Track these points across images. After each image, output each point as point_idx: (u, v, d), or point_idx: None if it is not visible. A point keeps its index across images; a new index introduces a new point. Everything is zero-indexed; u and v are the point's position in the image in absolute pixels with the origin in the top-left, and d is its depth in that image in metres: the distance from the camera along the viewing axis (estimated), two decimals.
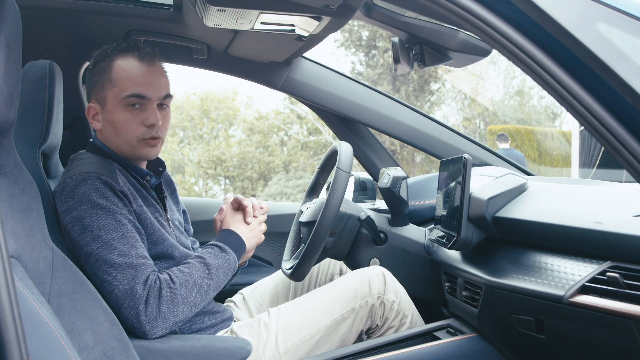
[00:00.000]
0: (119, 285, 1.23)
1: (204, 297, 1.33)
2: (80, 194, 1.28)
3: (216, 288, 1.37)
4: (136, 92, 1.36)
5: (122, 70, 1.37)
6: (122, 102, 1.37)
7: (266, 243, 2.32)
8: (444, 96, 16.03)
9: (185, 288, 1.29)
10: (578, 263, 1.12)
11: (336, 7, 1.45)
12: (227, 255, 1.40)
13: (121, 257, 1.25)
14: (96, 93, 1.40)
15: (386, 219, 1.80)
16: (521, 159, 8.45)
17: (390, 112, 2.12)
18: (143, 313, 1.22)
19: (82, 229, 1.27)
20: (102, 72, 1.39)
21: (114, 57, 1.39)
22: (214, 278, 1.35)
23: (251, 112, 17.75)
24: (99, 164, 1.35)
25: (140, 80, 1.37)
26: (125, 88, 1.36)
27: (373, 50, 15.75)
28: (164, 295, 1.25)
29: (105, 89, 1.38)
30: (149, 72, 1.39)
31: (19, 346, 0.63)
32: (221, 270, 1.37)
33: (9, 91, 0.85)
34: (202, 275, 1.33)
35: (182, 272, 1.31)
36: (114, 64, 1.38)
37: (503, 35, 0.91)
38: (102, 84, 1.39)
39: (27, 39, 1.03)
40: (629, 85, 0.82)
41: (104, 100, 1.39)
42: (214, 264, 1.36)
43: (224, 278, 1.39)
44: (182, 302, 1.28)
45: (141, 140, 1.39)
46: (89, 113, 1.42)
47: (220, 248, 1.41)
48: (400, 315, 1.57)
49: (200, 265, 1.34)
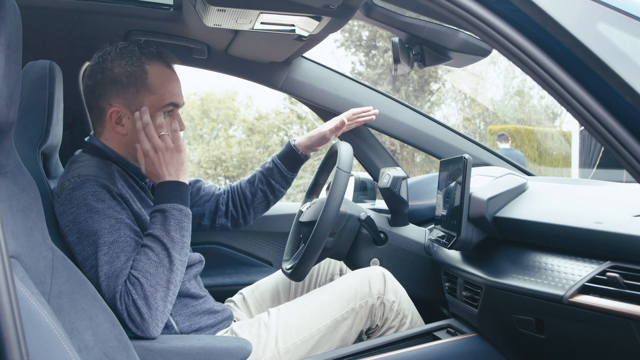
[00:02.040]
0: (105, 294, 1.23)
1: (173, 268, 1.27)
2: (77, 197, 1.28)
3: (181, 249, 1.30)
4: (174, 101, 1.42)
5: (157, 78, 1.40)
6: (161, 110, 1.39)
7: (266, 243, 2.32)
8: (444, 96, 16.03)
9: (150, 275, 1.24)
10: (578, 263, 1.12)
11: (336, 7, 1.45)
12: (169, 212, 1.30)
13: (109, 264, 1.25)
14: (126, 98, 1.38)
15: (386, 219, 1.81)
16: (521, 159, 8.45)
17: (390, 112, 2.12)
18: (130, 323, 1.22)
19: (79, 233, 1.27)
20: (134, 77, 1.38)
21: (144, 62, 1.39)
22: (169, 245, 1.27)
23: (251, 112, 17.75)
24: (97, 167, 1.35)
25: (177, 91, 1.43)
26: (165, 97, 1.40)
27: (373, 50, 15.75)
28: (137, 298, 1.22)
29: (141, 95, 1.38)
30: (177, 80, 1.45)
31: (19, 346, 0.63)
32: (172, 232, 1.29)
33: (9, 91, 0.85)
34: (159, 250, 1.27)
35: (139, 261, 1.25)
36: (149, 70, 1.39)
37: (503, 35, 0.91)
38: (136, 89, 1.38)
39: (27, 39, 1.03)
40: (629, 85, 0.82)
41: (138, 106, 1.38)
42: (162, 233, 1.28)
43: (181, 232, 1.30)
44: (155, 290, 1.23)
45: None
46: (111, 117, 1.39)
47: (159, 211, 1.31)
48: (400, 315, 1.57)
49: (152, 243, 1.27)
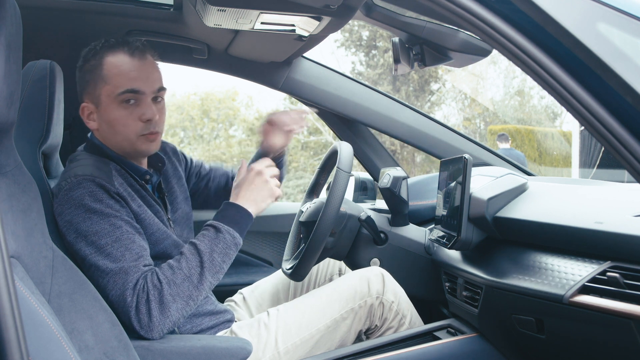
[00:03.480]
0: (112, 291, 1.22)
1: (200, 287, 1.28)
2: (74, 198, 1.27)
3: (215, 272, 1.30)
4: (130, 87, 1.34)
5: (113, 66, 1.35)
6: (117, 99, 1.34)
7: (266, 243, 2.32)
8: (444, 96, 16.03)
9: (174, 285, 1.24)
10: (578, 263, 1.12)
11: (336, 7, 1.45)
12: (222, 235, 1.32)
13: (114, 262, 1.23)
14: (89, 92, 1.38)
15: (386, 219, 1.80)
16: (521, 159, 8.45)
17: (391, 112, 2.12)
18: (135, 320, 1.21)
19: (76, 233, 1.26)
20: (92, 70, 1.36)
21: (103, 54, 1.36)
22: (207, 265, 1.28)
23: (251, 112, 17.74)
24: (94, 166, 1.34)
25: (133, 75, 1.35)
26: (119, 85, 1.34)
27: (373, 50, 15.74)
28: (152, 299, 1.22)
29: (98, 88, 1.36)
30: (141, 66, 1.37)
31: (19, 346, 0.63)
32: (216, 254, 1.30)
33: (9, 91, 0.85)
34: (195, 264, 1.28)
35: (171, 268, 1.27)
36: (104, 61, 1.35)
37: (503, 35, 0.91)
38: (94, 82, 1.36)
39: (27, 39, 1.02)
40: (629, 85, 0.82)
41: (98, 99, 1.36)
42: (206, 250, 1.29)
43: (223, 259, 1.31)
44: (174, 300, 1.24)
45: (140, 136, 1.37)
46: (83, 113, 1.39)
47: (214, 228, 1.33)
48: (399, 315, 1.57)
49: (191, 255, 1.29)
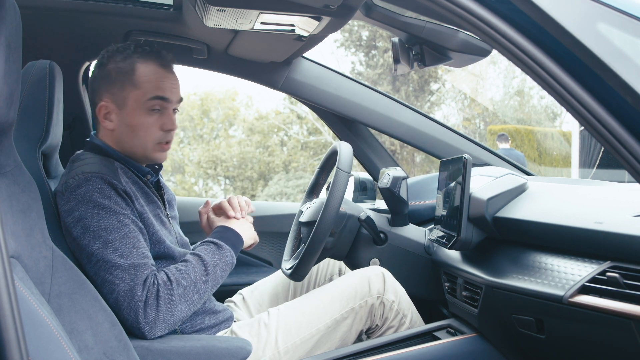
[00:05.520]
0: (119, 285, 1.23)
1: (202, 295, 1.33)
2: (82, 194, 1.29)
3: (214, 285, 1.37)
4: (159, 94, 1.40)
5: (145, 74, 1.39)
6: (145, 105, 1.39)
7: (266, 243, 2.32)
8: (444, 96, 16.03)
9: (182, 287, 1.29)
10: (578, 263, 1.12)
11: (336, 7, 1.45)
12: (223, 252, 1.40)
13: (122, 257, 1.25)
14: (112, 92, 1.40)
15: (386, 219, 1.80)
16: (521, 159, 8.45)
17: (390, 112, 2.12)
18: (142, 314, 1.23)
19: (84, 229, 1.27)
20: (122, 72, 1.39)
21: (136, 60, 1.40)
22: (211, 275, 1.35)
23: (251, 112, 17.74)
24: (101, 164, 1.36)
25: (162, 85, 1.41)
26: (149, 91, 1.39)
27: (373, 50, 15.74)
28: (162, 295, 1.25)
29: (126, 90, 1.39)
30: (170, 77, 1.43)
31: (19, 346, 0.63)
32: (218, 267, 1.37)
33: (9, 91, 0.85)
34: (200, 273, 1.33)
35: (179, 271, 1.31)
36: (137, 67, 1.39)
37: (503, 35, 0.91)
38: (122, 84, 1.39)
39: (27, 39, 1.02)
40: (629, 85, 0.82)
41: (123, 101, 1.39)
42: (211, 262, 1.36)
43: (222, 274, 1.39)
44: (180, 301, 1.28)
45: (157, 144, 1.42)
46: (99, 111, 1.41)
47: (216, 245, 1.41)
48: (400, 315, 1.57)
49: (197, 263, 1.34)
